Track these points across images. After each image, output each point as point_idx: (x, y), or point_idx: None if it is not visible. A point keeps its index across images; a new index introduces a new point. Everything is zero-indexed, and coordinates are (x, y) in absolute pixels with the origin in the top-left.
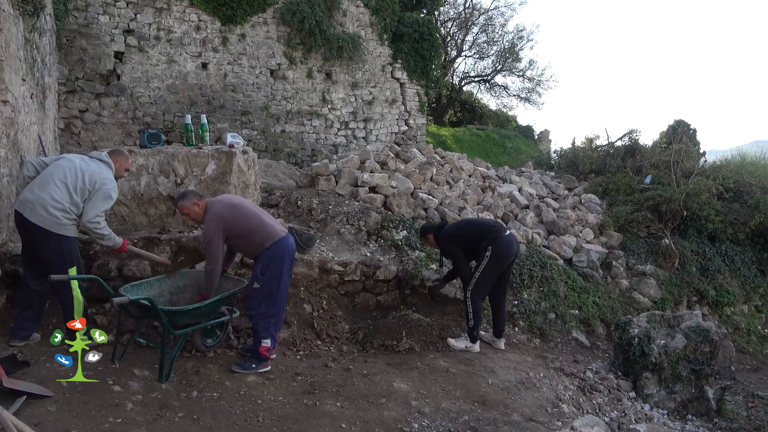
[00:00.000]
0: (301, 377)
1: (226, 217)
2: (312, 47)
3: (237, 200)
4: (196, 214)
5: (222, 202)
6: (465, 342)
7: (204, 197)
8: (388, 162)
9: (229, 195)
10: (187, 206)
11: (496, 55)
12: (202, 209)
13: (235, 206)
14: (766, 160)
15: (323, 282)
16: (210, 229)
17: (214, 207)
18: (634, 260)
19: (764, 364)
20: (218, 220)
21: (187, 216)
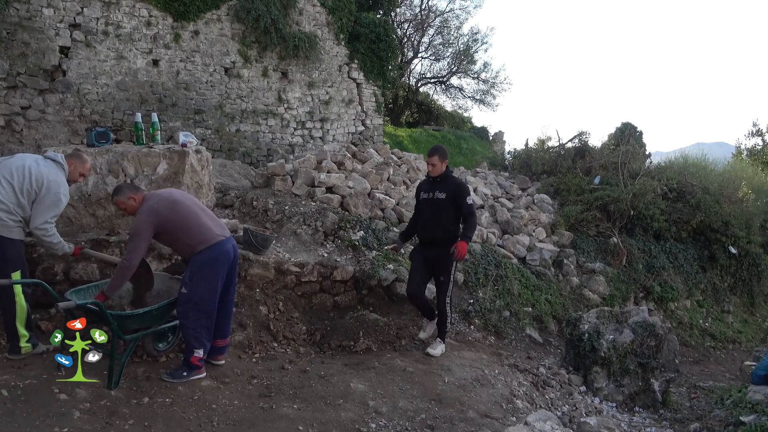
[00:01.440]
0: (257, 380)
1: (161, 212)
2: (267, 46)
3: (178, 196)
4: (132, 209)
5: (159, 196)
6: (441, 345)
7: (141, 191)
8: (345, 162)
9: (172, 190)
10: (122, 200)
11: (451, 57)
12: (139, 203)
13: (173, 202)
14: (707, 162)
15: (279, 283)
16: (139, 222)
17: (150, 201)
18: (584, 258)
19: (705, 356)
20: (150, 213)
21: (125, 211)
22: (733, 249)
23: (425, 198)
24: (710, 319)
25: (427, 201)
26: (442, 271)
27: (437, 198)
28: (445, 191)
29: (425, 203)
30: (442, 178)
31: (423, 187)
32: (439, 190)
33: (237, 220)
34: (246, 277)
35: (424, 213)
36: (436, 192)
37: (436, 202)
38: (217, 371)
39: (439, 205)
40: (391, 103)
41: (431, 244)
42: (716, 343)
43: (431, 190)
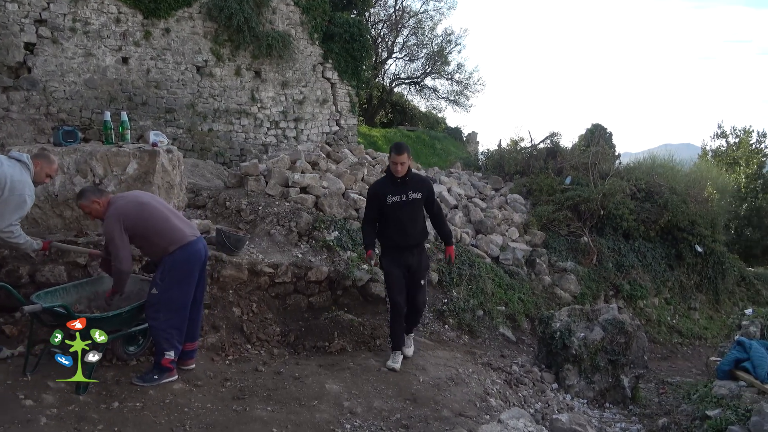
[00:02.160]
0: (230, 383)
1: (129, 213)
2: (240, 44)
3: (146, 198)
4: (97, 213)
5: (126, 198)
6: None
7: (106, 193)
8: (320, 162)
9: (140, 192)
10: (86, 204)
11: (425, 58)
12: (104, 206)
13: (141, 203)
14: (674, 163)
15: (253, 284)
16: (109, 226)
17: (117, 203)
18: (556, 257)
19: (673, 352)
20: (118, 215)
21: (90, 215)
22: (699, 248)
23: (396, 201)
24: (677, 316)
25: (401, 204)
26: (423, 275)
27: (414, 199)
28: (419, 191)
29: (397, 207)
30: (409, 177)
31: (387, 189)
32: (413, 191)
33: (209, 221)
34: (219, 279)
35: (399, 217)
36: (409, 193)
37: (412, 203)
38: (190, 374)
39: (417, 207)
40: (365, 103)
41: (410, 248)
42: (683, 340)
43: (402, 192)
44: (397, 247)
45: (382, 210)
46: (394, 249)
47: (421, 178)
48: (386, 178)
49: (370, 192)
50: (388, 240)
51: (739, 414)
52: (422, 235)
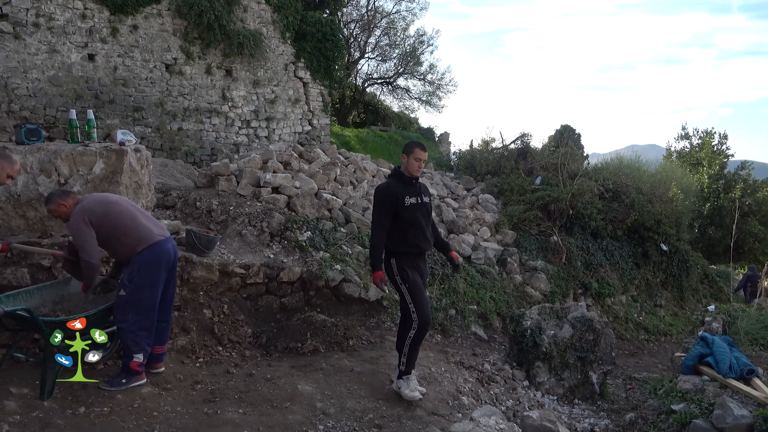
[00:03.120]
0: (200, 385)
1: (95, 211)
2: (211, 42)
3: (113, 197)
4: (65, 215)
5: (93, 198)
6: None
7: (73, 195)
8: (292, 162)
9: (107, 193)
10: (54, 208)
11: (398, 58)
12: (70, 208)
13: (108, 203)
14: (640, 163)
15: (224, 285)
16: (74, 223)
17: (82, 203)
18: (527, 256)
19: (640, 348)
20: (83, 213)
21: (60, 218)
22: (664, 246)
23: (414, 204)
24: (644, 313)
25: (417, 207)
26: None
27: (425, 203)
28: (426, 194)
29: (416, 209)
30: (417, 178)
31: (402, 190)
32: (424, 194)
33: (179, 222)
34: (189, 280)
35: (418, 220)
36: (422, 196)
37: (425, 206)
38: (159, 377)
39: (429, 210)
40: (338, 103)
41: (423, 255)
42: (649, 336)
43: (417, 194)
44: (418, 254)
45: (399, 214)
46: (412, 256)
47: (423, 182)
48: (396, 180)
49: (380, 195)
50: (408, 246)
51: (703, 408)
52: (432, 241)
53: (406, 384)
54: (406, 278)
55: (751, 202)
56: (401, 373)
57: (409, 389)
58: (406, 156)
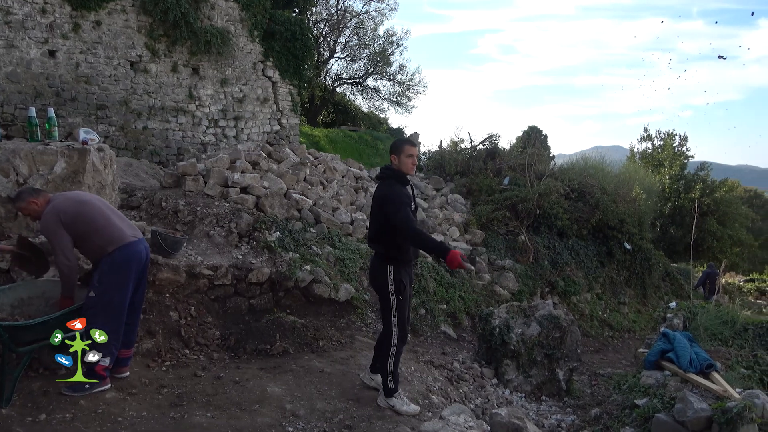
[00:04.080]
0: (167, 389)
1: (68, 210)
2: (177, 40)
3: (86, 197)
4: (36, 213)
5: (65, 196)
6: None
7: (44, 194)
8: (260, 162)
9: (80, 191)
10: (24, 206)
11: (367, 58)
12: (42, 206)
13: (81, 202)
14: (605, 164)
15: (191, 287)
16: (47, 224)
17: (54, 201)
18: (495, 256)
19: (604, 345)
20: (56, 213)
21: (30, 217)
22: (627, 245)
23: (413, 208)
24: (608, 310)
25: (414, 211)
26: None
27: (417, 205)
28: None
29: (413, 214)
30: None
31: (407, 191)
32: (415, 196)
33: (144, 222)
34: (155, 282)
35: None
36: (415, 198)
37: (417, 210)
38: (124, 382)
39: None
40: (307, 103)
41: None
42: (614, 333)
43: (413, 197)
44: (409, 260)
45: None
46: (408, 264)
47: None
48: (396, 182)
49: (399, 196)
50: (405, 253)
51: (665, 402)
52: None
53: (401, 401)
54: (401, 291)
55: (709, 202)
56: (391, 391)
57: (406, 404)
58: (397, 155)
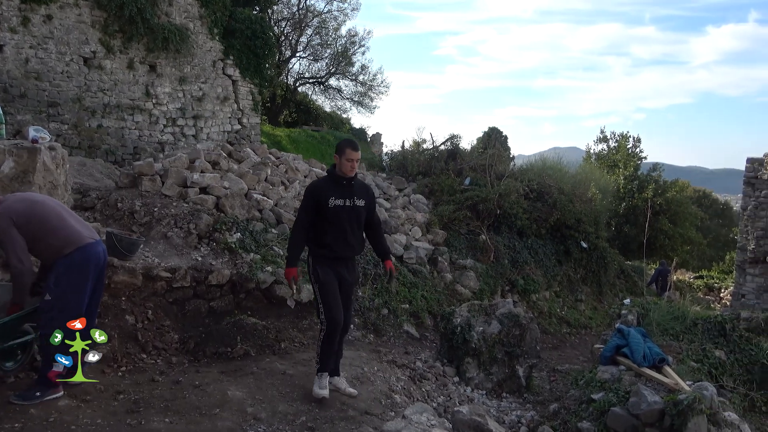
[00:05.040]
0: (123, 395)
1: (21, 211)
2: (133, 36)
3: (39, 197)
4: None
5: (17, 197)
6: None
7: None
8: (221, 162)
9: (32, 192)
10: None
11: (329, 58)
12: None
13: (34, 202)
14: (562, 165)
15: (148, 290)
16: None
17: (6, 202)
18: (457, 255)
19: (563, 342)
20: (8, 213)
21: None
22: (584, 244)
23: (340, 206)
24: (566, 307)
25: (343, 209)
26: (352, 292)
27: (357, 206)
28: (362, 197)
29: (340, 212)
30: (355, 180)
31: (331, 191)
32: (357, 196)
33: (99, 224)
34: (110, 285)
35: (341, 224)
36: (354, 198)
37: (356, 210)
38: (77, 389)
39: (359, 214)
40: (268, 102)
41: (346, 260)
42: (571, 330)
43: (348, 196)
44: (335, 258)
45: (321, 214)
46: (328, 258)
47: (365, 184)
48: (328, 179)
49: (307, 192)
50: (324, 249)
51: (620, 396)
52: (362, 246)
53: (318, 381)
54: (317, 278)
55: (661, 202)
56: (317, 370)
57: (318, 386)
58: (338, 156)
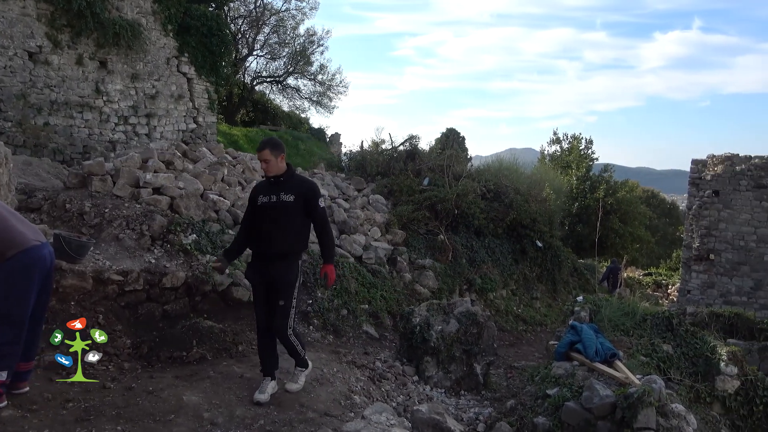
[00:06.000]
0: (72, 404)
1: None
2: (82, 31)
3: None
4: None
5: None
6: (303, 374)
7: None
8: (175, 161)
9: None
10: None
11: (287, 57)
12: None
13: None
14: (518, 166)
15: (99, 294)
16: None
17: None
18: (416, 255)
19: (519, 339)
20: None
21: None
22: (539, 243)
23: (265, 203)
24: (522, 305)
25: (269, 206)
26: (282, 294)
27: (284, 201)
28: (293, 192)
29: (265, 209)
30: (285, 177)
31: (260, 189)
32: (285, 192)
33: (46, 225)
34: (58, 289)
35: (264, 222)
36: (281, 194)
37: (282, 206)
38: (23, 398)
39: (287, 211)
40: (225, 101)
41: (271, 260)
42: (527, 327)
43: (273, 193)
44: (260, 256)
45: (254, 212)
46: (257, 258)
47: (303, 179)
48: (264, 178)
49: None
50: (253, 247)
51: (574, 390)
52: (289, 245)
53: (259, 386)
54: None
55: (612, 202)
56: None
57: (258, 391)
58: None
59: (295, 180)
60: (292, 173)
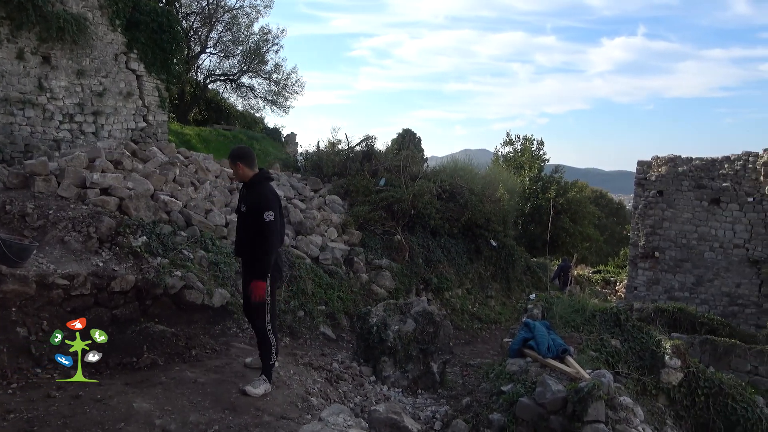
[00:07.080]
0: (14, 414)
1: None
2: (23, 24)
3: None
4: None
5: None
6: (264, 384)
7: None
8: (124, 161)
9: None
10: None
11: (241, 55)
12: None
13: None
14: (473, 166)
15: (43, 299)
16: None
17: None
18: (372, 255)
19: (474, 337)
20: None
21: None
22: (493, 242)
23: (237, 209)
24: (477, 304)
25: (237, 212)
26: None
27: (242, 211)
28: (246, 203)
29: (238, 216)
30: (248, 185)
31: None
32: (244, 201)
33: None
34: None
35: (237, 227)
36: (241, 203)
37: (241, 215)
38: None
39: (244, 220)
40: (177, 99)
41: (243, 262)
42: (482, 325)
43: (241, 200)
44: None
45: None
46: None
47: (259, 191)
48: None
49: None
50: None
51: (527, 386)
52: (251, 249)
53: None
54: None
55: (563, 202)
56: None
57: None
58: None
59: (254, 190)
60: (254, 182)
